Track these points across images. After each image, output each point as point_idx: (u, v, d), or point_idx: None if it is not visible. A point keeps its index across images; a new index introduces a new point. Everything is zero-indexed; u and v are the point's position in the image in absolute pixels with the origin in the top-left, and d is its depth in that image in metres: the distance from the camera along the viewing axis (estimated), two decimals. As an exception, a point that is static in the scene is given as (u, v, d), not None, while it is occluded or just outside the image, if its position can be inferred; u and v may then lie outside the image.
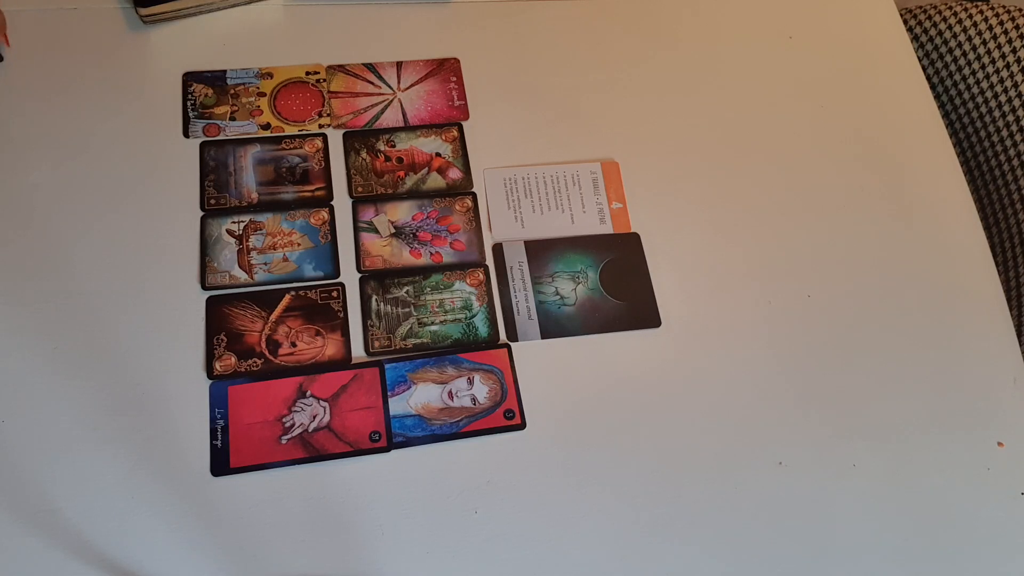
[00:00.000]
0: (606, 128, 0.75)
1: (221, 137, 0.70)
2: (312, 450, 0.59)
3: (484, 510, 0.58)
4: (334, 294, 0.64)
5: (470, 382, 0.62)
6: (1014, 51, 0.86)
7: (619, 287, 0.67)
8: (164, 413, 0.59)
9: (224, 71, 0.73)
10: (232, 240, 0.66)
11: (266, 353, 0.62)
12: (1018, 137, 0.86)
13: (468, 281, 0.66)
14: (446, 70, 0.76)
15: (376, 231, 0.68)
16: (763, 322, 0.67)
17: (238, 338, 0.62)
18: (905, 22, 0.87)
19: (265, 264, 0.65)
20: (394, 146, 0.72)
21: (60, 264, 0.63)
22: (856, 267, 0.71)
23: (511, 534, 0.58)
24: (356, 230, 0.68)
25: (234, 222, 0.66)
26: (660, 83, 0.78)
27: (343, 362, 0.62)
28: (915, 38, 0.92)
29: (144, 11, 0.73)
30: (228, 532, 0.56)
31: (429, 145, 0.72)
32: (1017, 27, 0.86)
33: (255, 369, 0.61)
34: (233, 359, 0.61)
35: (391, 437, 0.60)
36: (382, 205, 0.69)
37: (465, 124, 0.73)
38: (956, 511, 0.62)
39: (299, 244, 0.66)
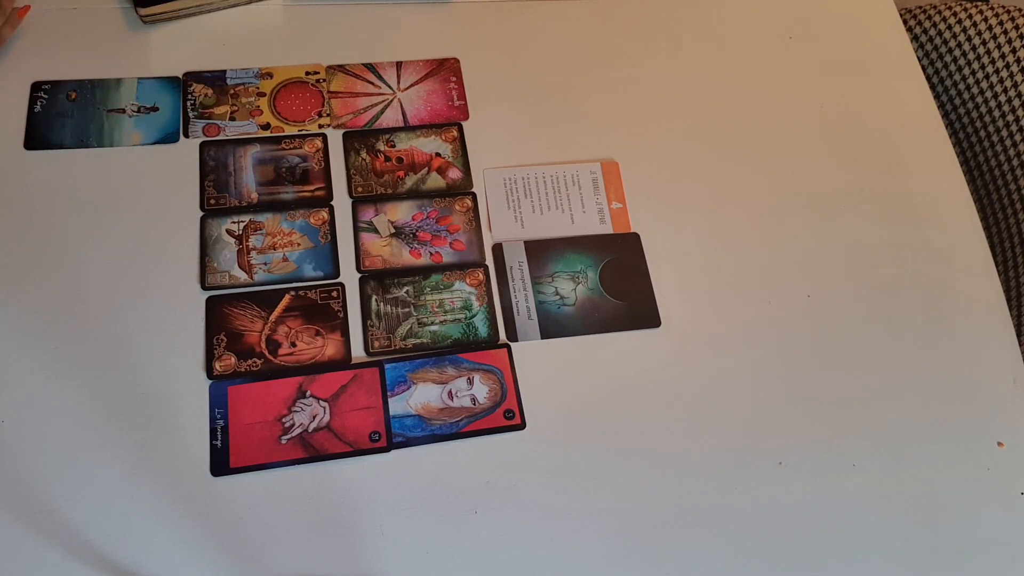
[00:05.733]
0: (606, 128, 0.75)
1: (221, 137, 0.70)
2: (312, 450, 0.59)
3: (484, 510, 0.58)
4: (334, 294, 0.64)
5: (470, 382, 0.62)
6: (1014, 51, 0.86)
7: (619, 287, 0.67)
8: (164, 413, 0.59)
9: (224, 71, 0.73)
10: (232, 240, 0.66)
11: (266, 353, 0.62)
12: (1018, 137, 0.86)
13: (468, 281, 0.66)
14: (446, 70, 0.76)
15: (376, 231, 0.68)
16: (763, 322, 0.67)
17: (238, 338, 0.62)
18: (905, 22, 0.87)
19: (265, 264, 0.65)
20: (394, 146, 0.72)
21: (60, 264, 0.63)
22: (856, 267, 0.71)
23: (511, 534, 0.58)
24: (356, 230, 0.68)
25: (234, 222, 0.66)
26: (660, 83, 0.78)
27: (343, 362, 0.62)
28: (915, 38, 0.92)
29: (144, 11, 0.73)
30: (228, 532, 0.56)
31: (429, 145, 0.72)
32: (1017, 27, 0.86)
33: (255, 369, 0.61)
34: (233, 359, 0.61)
35: (391, 437, 0.60)
36: (382, 205, 0.69)
37: (465, 124, 0.73)
38: (956, 511, 0.62)
39: (299, 244, 0.66)
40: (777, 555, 0.59)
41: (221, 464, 0.58)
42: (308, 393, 0.60)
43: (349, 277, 0.66)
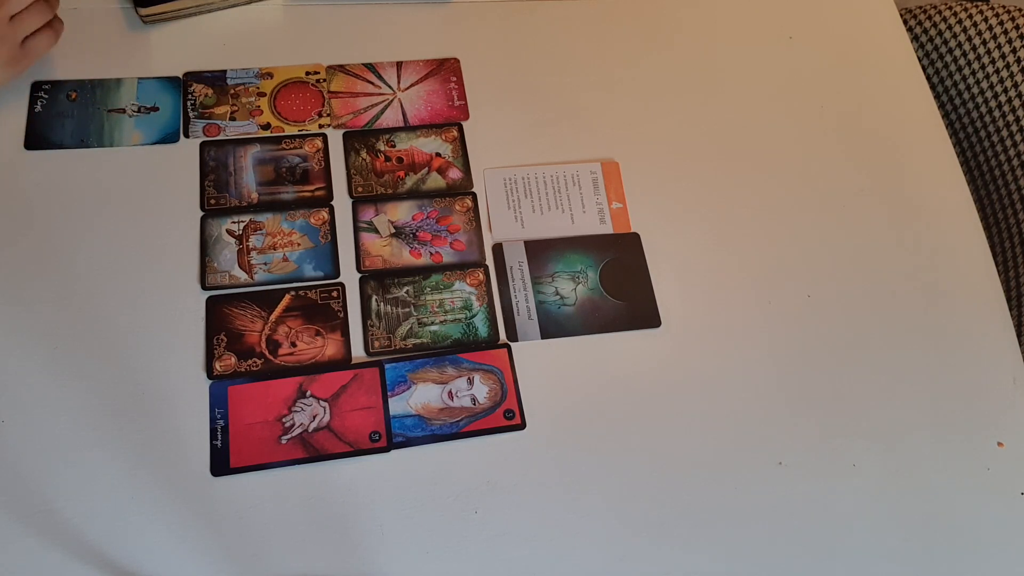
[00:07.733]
0: (606, 128, 0.75)
1: (221, 137, 0.70)
2: (312, 450, 0.59)
3: (484, 510, 0.58)
4: (334, 294, 0.64)
5: (470, 382, 0.62)
6: (1014, 51, 0.86)
7: (619, 287, 0.67)
8: (164, 413, 0.59)
9: (224, 71, 0.73)
10: (232, 240, 0.66)
11: (266, 353, 0.62)
12: (1018, 137, 0.86)
13: (468, 281, 0.66)
14: (446, 70, 0.76)
15: (376, 231, 0.68)
16: (763, 322, 0.67)
17: (238, 338, 0.62)
18: (905, 22, 0.87)
19: (265, 264, 0.65)
20: (394, 146, 0.72)
21: (60, 264, 0.63)
22: (856, 267, 0.71)
23: (511, 534, 0.58)
24: (356, 230, 0.68)
25: (234, 222, 0.66)
26: (660, 83, 0.78)
27: (343, 362, 0.62)
28: (915, 38, 0.92)
29: (144, 11, 0.73)
30: (228, 532, 0.56)
31: (429, 145, 0.72)
32: (1017, 27, 0.86)
33: (255, 369, 0.61)
34: (233, 359, 0.61)
35: (391, 437, 0.60)
36: (382, 205, 0.69)
37: (465, 124, 0.73)
38: (956, 511, 0.62)
39: (299, 244, 0.66)
40: (777, 555, 0.59)
41: (221, 464, 0.58)
42: (308, 393, 0.60)
43: (349, 277, 0.66)
